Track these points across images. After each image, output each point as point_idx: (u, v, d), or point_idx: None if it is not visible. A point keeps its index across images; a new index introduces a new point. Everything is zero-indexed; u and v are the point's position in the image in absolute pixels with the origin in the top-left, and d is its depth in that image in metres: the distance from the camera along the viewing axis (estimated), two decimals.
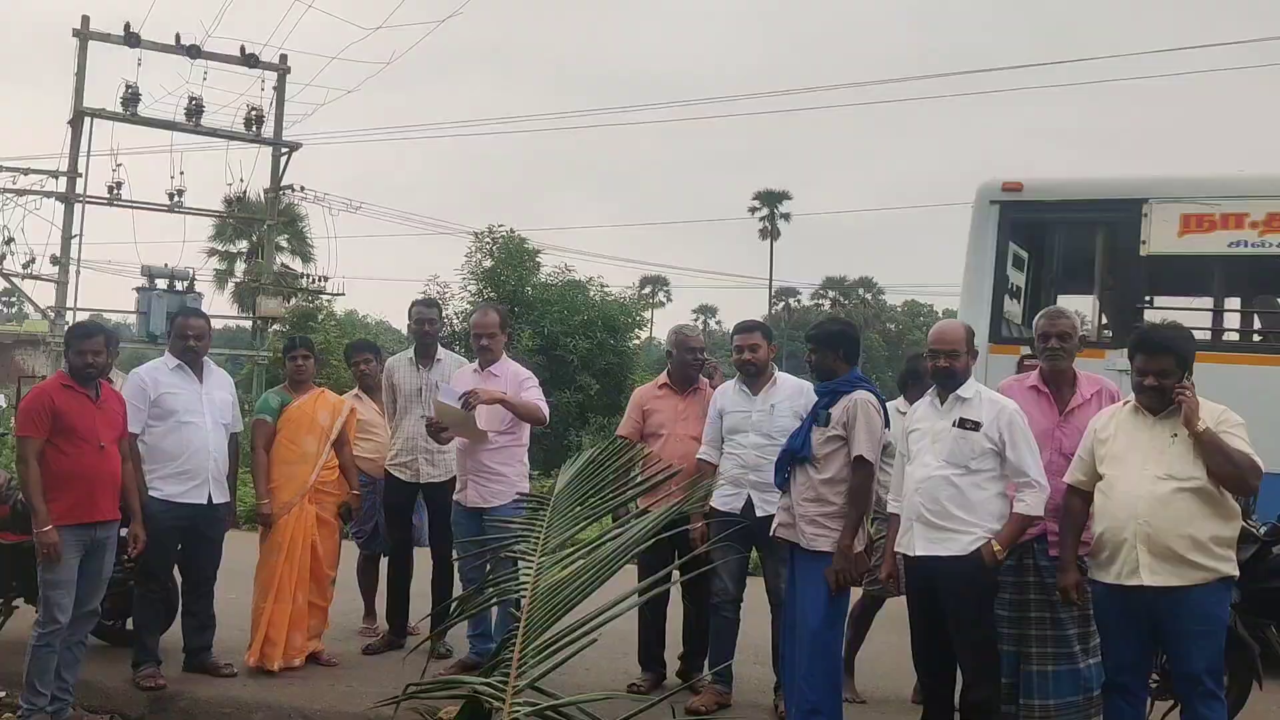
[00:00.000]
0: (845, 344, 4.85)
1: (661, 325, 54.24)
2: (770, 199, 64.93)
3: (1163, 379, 4.05)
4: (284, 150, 26.12)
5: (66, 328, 5.64)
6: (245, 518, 12.74)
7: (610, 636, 6.23)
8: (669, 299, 67.91)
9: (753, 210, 65.50)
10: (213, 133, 24.94)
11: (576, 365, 17.53)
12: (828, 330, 4.89)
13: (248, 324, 30.45)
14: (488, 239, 19.72)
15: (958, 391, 4.45)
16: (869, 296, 64.10)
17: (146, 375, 5.77)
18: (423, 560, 6.64)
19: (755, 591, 5.64)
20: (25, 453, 4.93)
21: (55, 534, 4.86)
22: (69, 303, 23.40)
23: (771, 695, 5.49)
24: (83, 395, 5.07)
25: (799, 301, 66.03)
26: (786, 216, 64.92)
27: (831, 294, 65.24)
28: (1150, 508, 3.99)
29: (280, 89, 25.82)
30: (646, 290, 58.49)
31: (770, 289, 59.42)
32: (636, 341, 19.77)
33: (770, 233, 64.68)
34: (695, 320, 62.37)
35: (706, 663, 5.62)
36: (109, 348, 5.37)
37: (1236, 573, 4.04)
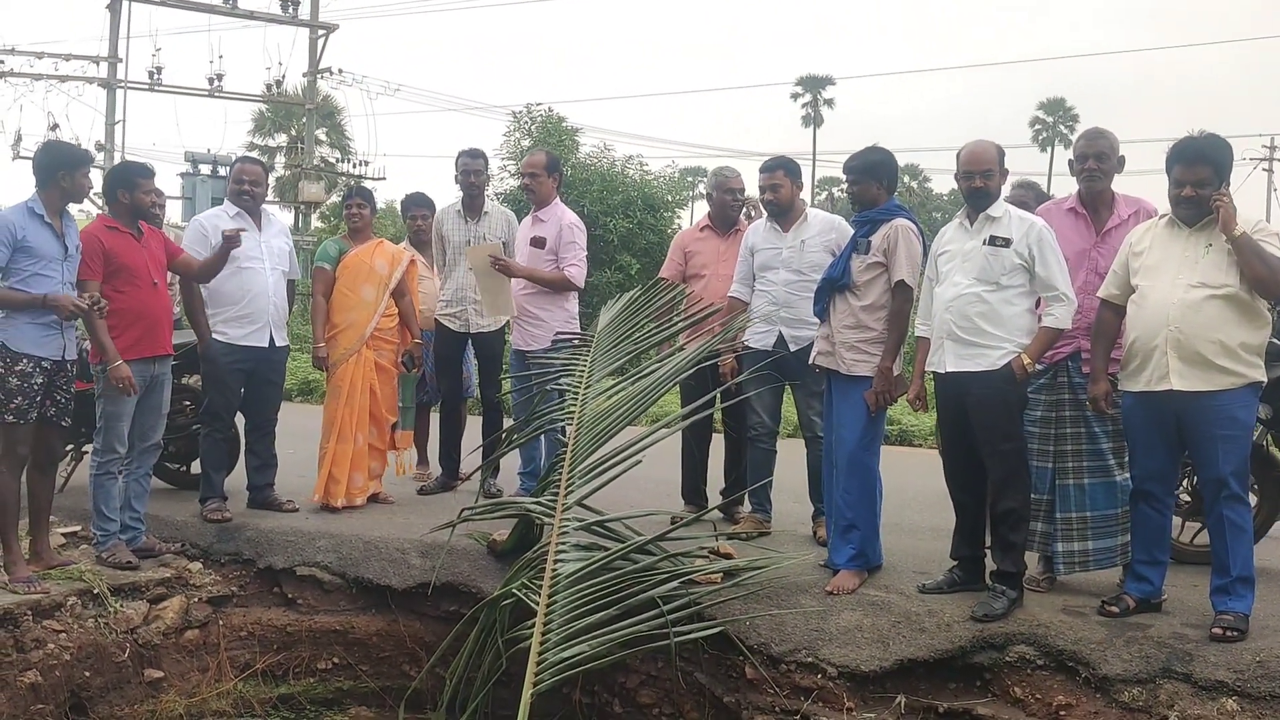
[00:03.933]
0: (885, 173, 4.83)
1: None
2: (813, 84, 63.51)
3: (1200, 189, 4.05)
4: (321, 32, 25.95)
5: (112, 166, 5.75)
6: (296, 389, 13.16)
7: (654, 482, 6.42)
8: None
9: (794, 96, 64.28)
10: (249, 15, 24.81)
11: (616, 244, 17.50)
12: (867, 160, 4.83)
13: (289, 219, 30.66)
14: (526, 118, 19.55)
15: (987, 211, 4.46)
16: (914, 184, 62.88)
17: (207, 222, 5.93)
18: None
19: (792, 440, 5.71)
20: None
21: (127, 368, 5.03)
22: None
23: (810, 523, 5.68)
24: (127, 235, 5.19)
25: (842, 190, 65.03)
26: (830, 102, 63.65)
27: None
28: (1182, 314, 4.03)
29: None
30: (689, 179, 57.95)
31: (813, 177, 58.48)
32: (677, 223, 19.64)
33: (814, 119, 63.50)
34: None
35: (746, 496, 5.78)
36: None
37: (1264, 378, 4.07)
